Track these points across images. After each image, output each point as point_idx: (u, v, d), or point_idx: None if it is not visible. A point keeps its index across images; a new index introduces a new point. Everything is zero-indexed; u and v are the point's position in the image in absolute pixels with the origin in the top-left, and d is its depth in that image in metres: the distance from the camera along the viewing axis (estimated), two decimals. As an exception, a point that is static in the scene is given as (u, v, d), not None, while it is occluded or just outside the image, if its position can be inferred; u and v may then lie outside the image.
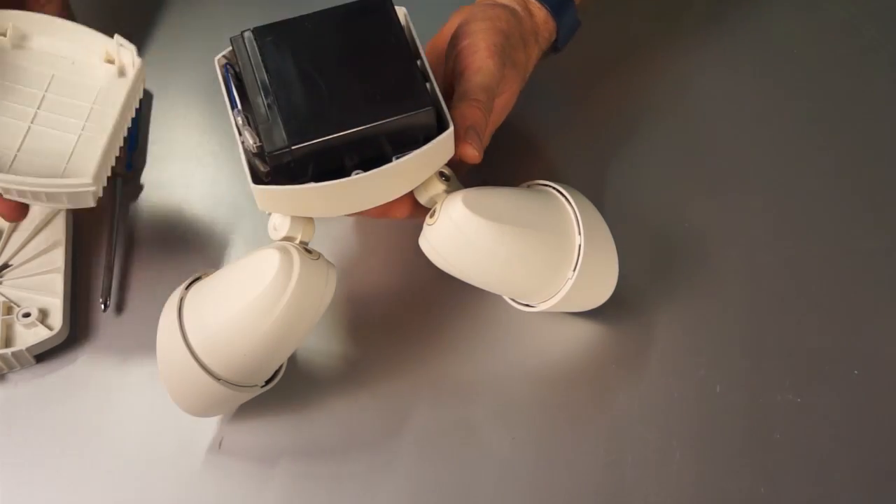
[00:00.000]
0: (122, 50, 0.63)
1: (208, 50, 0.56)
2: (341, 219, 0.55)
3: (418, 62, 0.54)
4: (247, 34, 0.54)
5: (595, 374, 0.63)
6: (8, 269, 0.66)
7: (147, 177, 0.71)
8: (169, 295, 0.56)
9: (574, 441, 0.60)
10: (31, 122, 0.61)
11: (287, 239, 0.55)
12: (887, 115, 0.74)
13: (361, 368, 0.63)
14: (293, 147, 0.51)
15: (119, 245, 0.68)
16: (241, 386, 0.56)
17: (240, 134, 0.53)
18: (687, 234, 0.68)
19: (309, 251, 0.55)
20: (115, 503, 0.58)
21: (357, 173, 0.52)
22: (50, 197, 0.57)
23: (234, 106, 0.54)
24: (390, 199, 0.55)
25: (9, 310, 0.63)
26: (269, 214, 0.56)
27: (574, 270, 0.58)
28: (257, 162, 0.53)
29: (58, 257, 0.66)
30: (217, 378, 0.54)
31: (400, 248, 0.66)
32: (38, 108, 0.62)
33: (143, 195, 0.71)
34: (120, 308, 0.65)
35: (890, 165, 0.71)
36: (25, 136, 0.60)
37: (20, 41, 0.63)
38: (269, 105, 0.52)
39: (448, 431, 0.60)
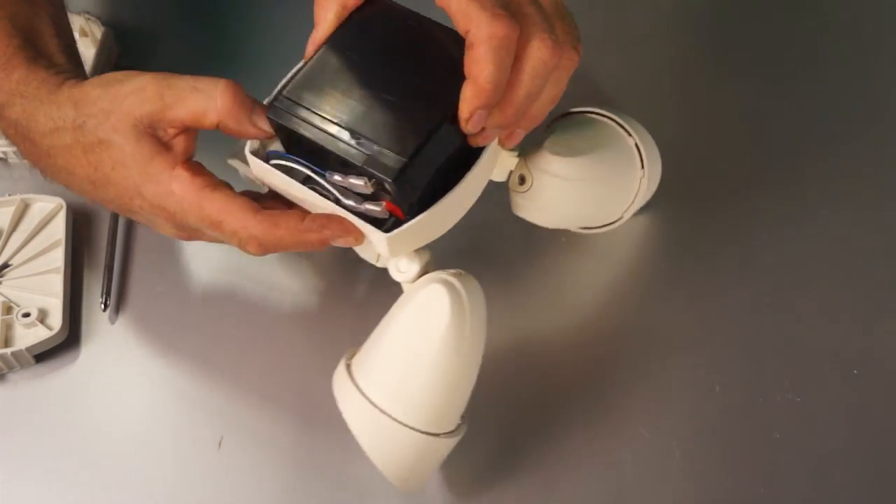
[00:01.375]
0: (91, 23, 0.74)
1: (207, 48, 0.55)
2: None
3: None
4: (281, 101, 0.50)
5: (594, 374, 0.63)
6: (8, 269, 0.66)
7: (147, 177, 0.71)
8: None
9: (574, 441, 0.60)
10: None
11: (424, 270, 0.53)
12: (887, 115, 0.74)
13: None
14: (410, 157, 0.47)
15: (119, 245, 0.68)
16: (454, 431, 0.54)
17: (343, 194, 0.49)
18: (686, 234, 0.68)
19: (451, 271, 0.53)
20: (114, 503, 0.58)
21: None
22: None
23: (322, 173, 0.50)
24: (480, 192, 0.53)
25: (9, 310, 0.63)
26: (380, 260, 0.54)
27: (643, 168, 0.62)
28: (368, 206, 0.49)
29: (57, 257, 0.66)
30: (437, 435, 0.52)
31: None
32: None
33: (143, 195, 0.70)
34: (119, 308, 0.65)
35: (890, 165, 0.71)
36: None
37: None
38: (357, 143, 0.48)
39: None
